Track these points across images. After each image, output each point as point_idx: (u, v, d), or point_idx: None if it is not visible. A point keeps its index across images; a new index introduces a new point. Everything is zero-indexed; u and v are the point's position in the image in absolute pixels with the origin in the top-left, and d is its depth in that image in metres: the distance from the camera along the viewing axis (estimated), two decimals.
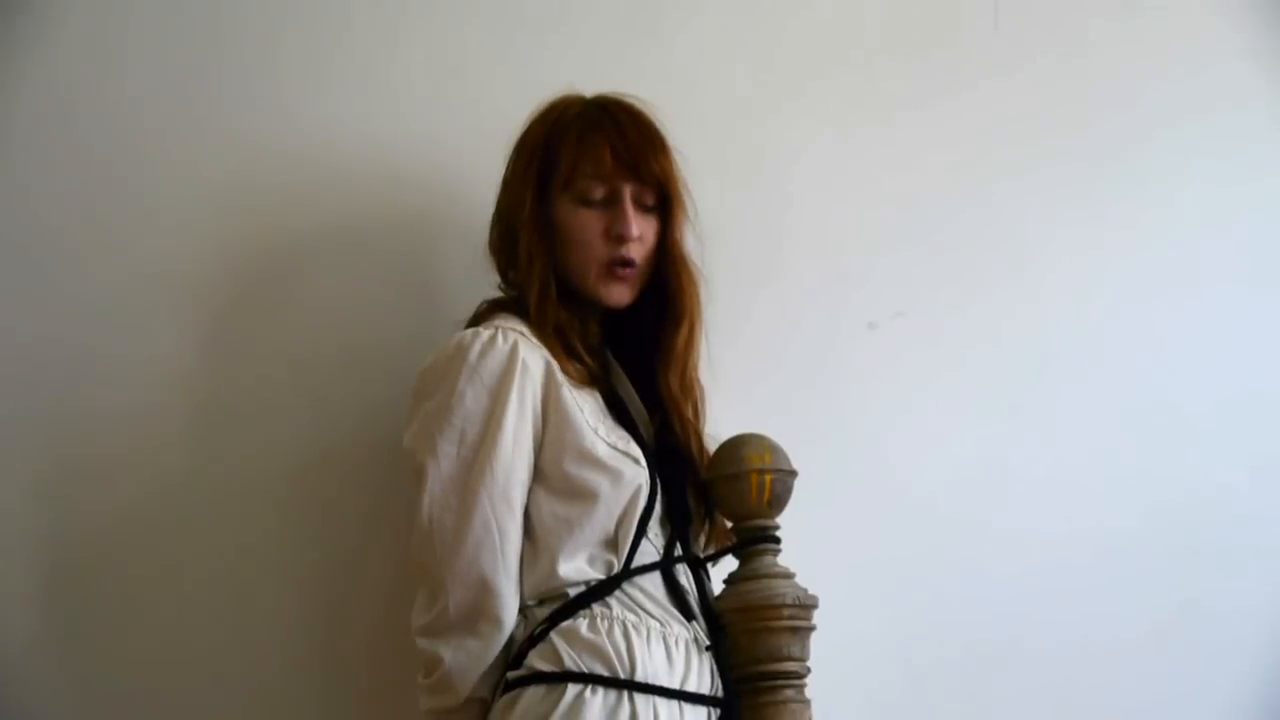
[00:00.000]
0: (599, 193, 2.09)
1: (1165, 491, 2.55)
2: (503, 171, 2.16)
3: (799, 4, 2.59)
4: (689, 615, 2.01)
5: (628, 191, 2.09)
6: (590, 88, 2.16)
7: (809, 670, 2.02)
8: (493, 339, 1.99)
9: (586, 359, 2.07)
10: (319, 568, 2.28)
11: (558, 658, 1.92)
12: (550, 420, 1.99)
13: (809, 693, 2.02)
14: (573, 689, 1.90)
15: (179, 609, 2.24)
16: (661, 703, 1.92)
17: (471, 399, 1.96)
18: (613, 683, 1.90)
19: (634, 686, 1.91)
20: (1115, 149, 2.65)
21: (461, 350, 1.98)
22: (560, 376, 2.01)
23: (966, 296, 2.57)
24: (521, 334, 2.01)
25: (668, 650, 1.96)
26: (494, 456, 1.94)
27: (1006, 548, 2.49)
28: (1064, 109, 2.64)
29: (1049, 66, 2.65)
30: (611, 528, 1.98)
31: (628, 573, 1.98)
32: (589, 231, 2.08)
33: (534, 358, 2.00)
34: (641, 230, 2.10)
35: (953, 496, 2.49)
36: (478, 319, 2.10)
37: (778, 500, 2.05)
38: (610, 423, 2.04)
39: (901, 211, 2.57)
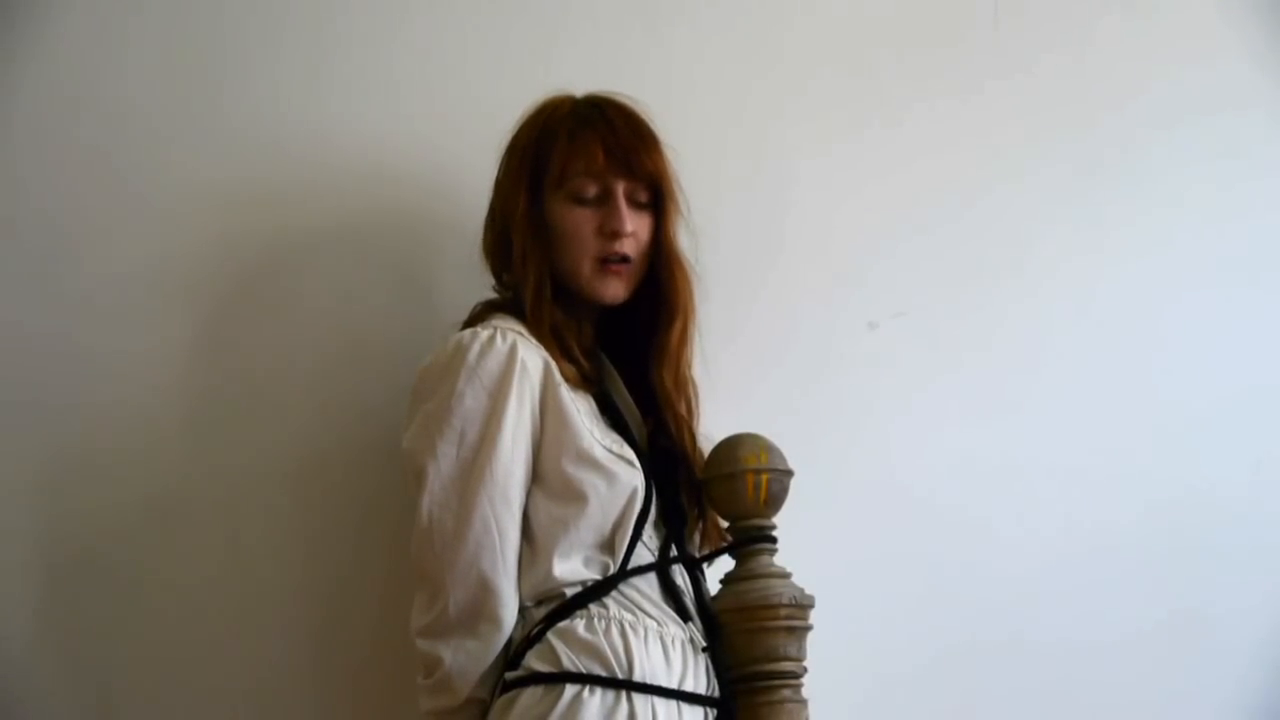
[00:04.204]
0: (592, 190, 2.09)
1: (1165, 490, 2.56)
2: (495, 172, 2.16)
3: (799, 4, 2.60)
4: (685, 616, 2.01)
5: (620, 188, 2.09)
6: (590, 88, 2.17)
7: (806, 670, 2.02)
8: (491, 339, 1.99)
9: (581, 360, 2.07)
10: (317, 567, 2.28)
11: (555, 658, 1.92)
12: (548, 421, 1.99)
13: (806, 692, 2.02)
14: (570, 689, 1.89)
15: (177, 607, 2.24)
16: (660, 702, 1.92)
17: (471, 400, 1.96)
18: (610, 683, 1.90)
19: (632, 686, 1.91)
20: (1116, 149, 2.65)
21: (460, 351, 1.98)
22: (558, 377, 2.01)
23: (966, 296, 2.57)
24: (520, 334, 2.01)
25: (665, 650, 1.96)
26: (493, 457, 1.94)
27: (1006, 547, 2.50)
28: (1064, 109, 2.64)
29: (1049, 66, 2.65)
30: (607, 530, 1.98)
31: (624, 573, 1.98)
32: (582, 229, 2.09)
33: (533, 358, 2.00)
34: (635, 226, 2.10)
35: (952, 496, 2.49)
36: (473, 320, 2.09)
37: (774, 500, 2.05)
38: (604, 426, 2.04)
39: (901, 211, 2.57)
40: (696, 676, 1.98)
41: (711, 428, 2.17)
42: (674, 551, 2.05)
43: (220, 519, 2.27)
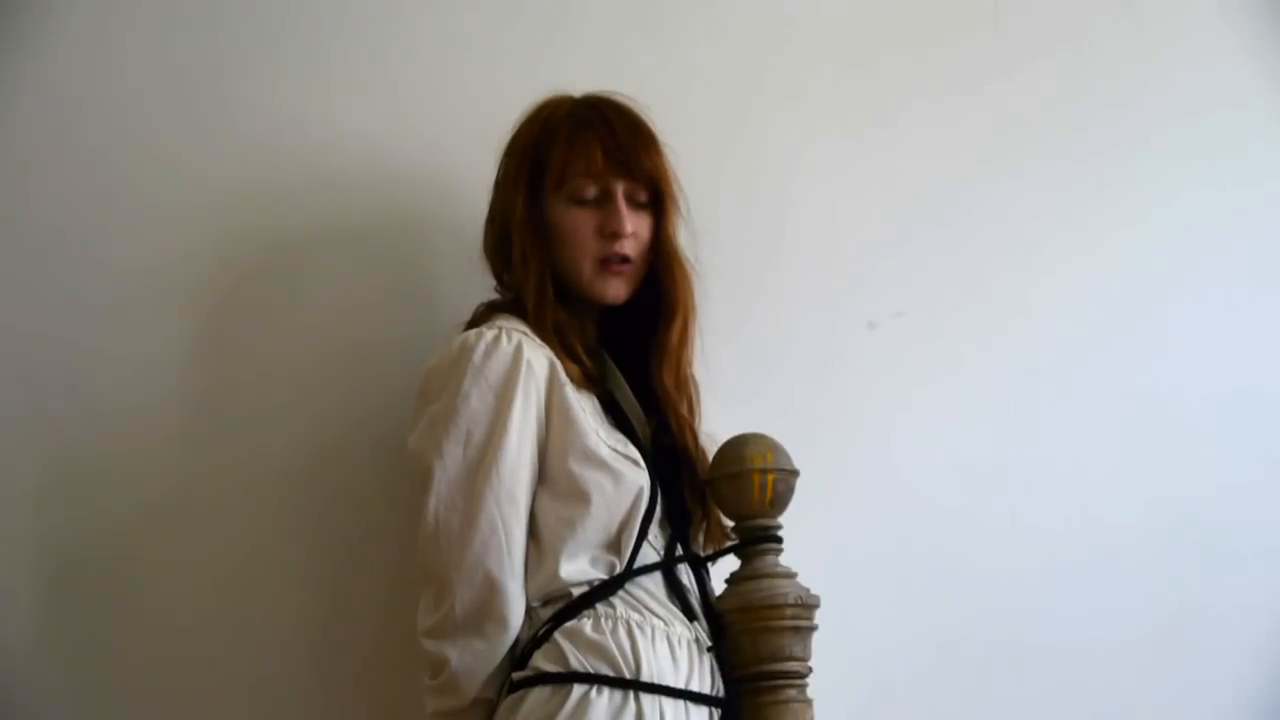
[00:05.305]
0: (591, 191, 2.09)
1: (1165, 490, 2.56)
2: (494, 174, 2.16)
3: (799, 3, 2.60)
4: (691, 615, 2.01)
5: (620, 189, 2.09)
6: (589, 88, 2.17)
7: (811, 670, 2.02)
8: (497, 339, 1.99)
9: (585, 360, 2.06)
10: (319, 568, 2.27)
11: (563, 658, 1.92)
12: (554, 421, 1.99)
13: (810, 692, 2.02)
14: (578, 689, 1.89)
15: (179, 609, 2.23)
16: (667, 702, 1.92)
17: (477, 400, 1.95)
18: (618, 683, 1.90)
19: (639, 686, 1.90)
20: (1115, 148, 2.66)
21: (466, 351, 1.98)
22: (563, 376, 2.01)
23: (966, 296, 2.57)
24: (525, 334, 2.01)
25: (672, 650, 1.96)
26: (499, 458, 1.94)
27: (1007, 547, 2.50)
28: (1064, 108, 2.65)
29: (1049, 66, 2.66)
30: (614, 529, 1.98)
31: (630, 573, 1.98)
32: (583, 230, 2.09)
33: (538, 358, 2.00)
34: (635, 226, 2.10)
35: (953, 496, 2.49)
36: (476, 321, 2.09)
37: (779, 500, 2.05)
38: (609, 426, 2.04)
39: (901, 211, 2.58)
40: (702, 676, 1.98)
41: (712, 426, 2.17)
42: (679, 551, 2.05)
43: (221, 520, 2.26)
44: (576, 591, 1.95)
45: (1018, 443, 2.53)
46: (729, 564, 2.09)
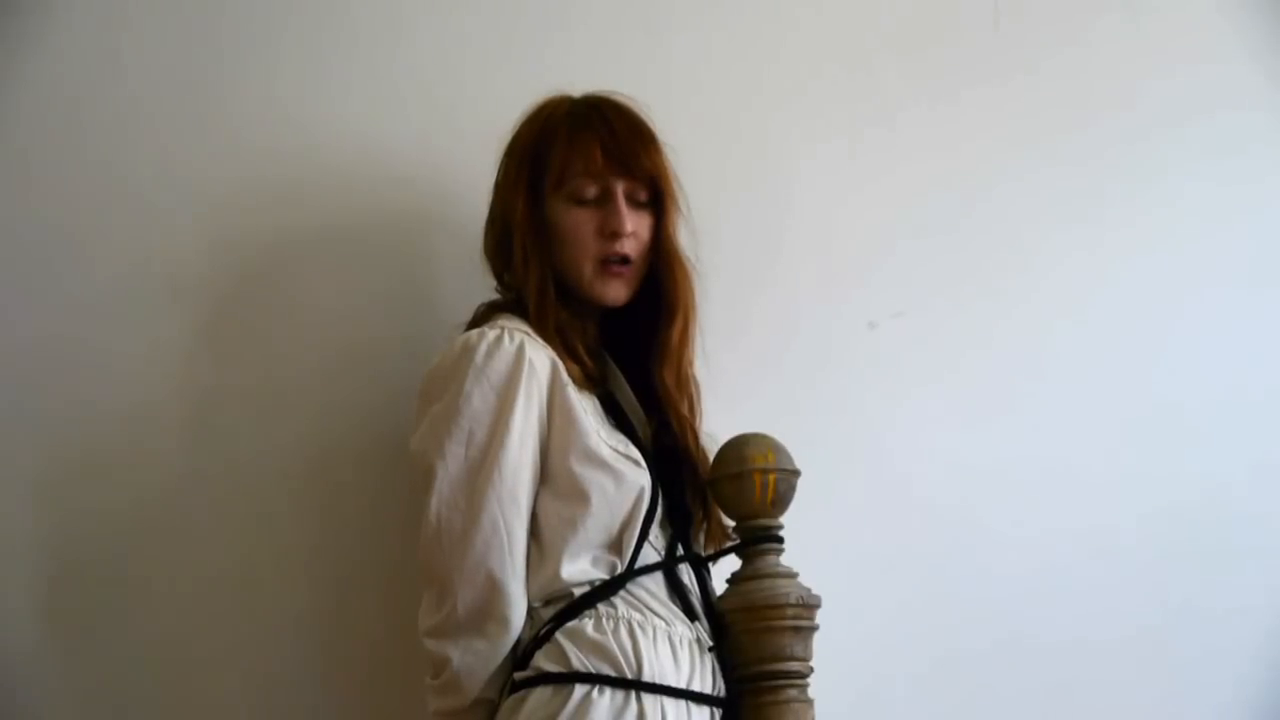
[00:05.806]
0: (591, 191, 2.09)
1: (1165, 491, 2.56)
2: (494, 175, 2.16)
3: (799, 4, 2.60)
4: (692, 615, 2.01)
5: (620, 188, 2.09)
6: (589, 88, 2.17)
7: (812, 670, 2.02)
8: (499, 339, 1.99)
9: (586, 360, 2.06)
10: (321, 568, 2.27)
11: (564, 658, 1.92)
12: (555, 421, 1.99)
13: (811, 692, 2.02)
14: (580, 689, 1.89)
15: (179, 610, 2.23)
16: (669, 702, 1.92)
17: (479, 400, 1.95)
18: (620, 683, 1.90)
19: (641, 686, 1.90)
20: (1115, 149, 2.66)
21: (468, 351, 1.98)
22: (565, 376, 2.01)
23: (966, 296, 2.57)
24: (527, 334, 2.01)
25: (673, 650, 1.96)
26: (501, 458, 1.94)
27: (1006, 547, 2.50)
28: (1064, 109, 2.65)
29: (1049, 66, 2.66)
30: (615, 529, 1.98)
31: (631, 573, 1.98)
32: (583, 230, 2.08)
33: (540, 358, 2.00)
34: (635, 226, 2.10)
35: (952, 496, 2.49)
36: (477, 321, 2.09)
37: (781, 500, 2.05)
38: (610, 426, 2.04)
39: (901, 211, 2.57)
40: (704, 676, 1.98)
41: (712, 426, 2.17)
42: (680, 551, 2.05)
43: (222, 520, 2.26)
44: (578, 591, 1.95)
45: (1018, 442, 2.53)
46: (730, 564, 2.09)
